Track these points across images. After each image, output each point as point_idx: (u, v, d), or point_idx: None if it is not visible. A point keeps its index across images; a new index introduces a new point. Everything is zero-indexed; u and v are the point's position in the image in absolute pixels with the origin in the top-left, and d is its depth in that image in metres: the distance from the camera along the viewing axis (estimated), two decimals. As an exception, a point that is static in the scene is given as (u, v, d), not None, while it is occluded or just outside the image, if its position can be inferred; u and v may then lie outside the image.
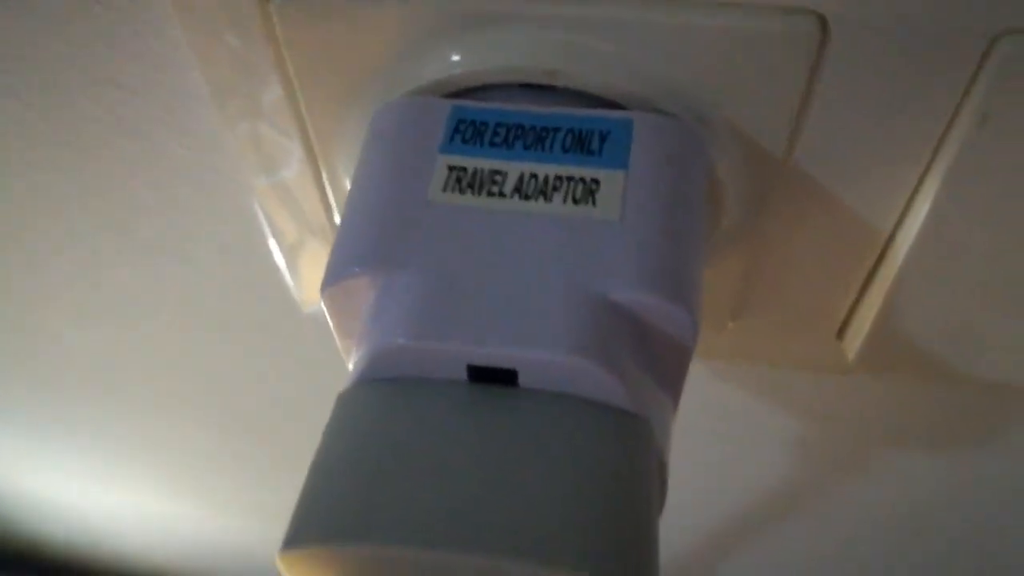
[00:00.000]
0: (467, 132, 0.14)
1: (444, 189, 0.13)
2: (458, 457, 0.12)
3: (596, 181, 0.13)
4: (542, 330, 0.12)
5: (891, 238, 0.17)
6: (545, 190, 0.13)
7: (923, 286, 0.18)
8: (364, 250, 0.13)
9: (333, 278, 0.13)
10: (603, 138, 0.14)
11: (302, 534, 0.11)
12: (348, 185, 0.17)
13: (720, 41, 0.14)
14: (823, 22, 0.13)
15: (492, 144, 0.14)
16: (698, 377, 0.25)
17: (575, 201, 0.13)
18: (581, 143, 0.14)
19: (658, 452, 0.13)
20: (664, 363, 0.13)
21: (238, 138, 0.17)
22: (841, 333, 0.20)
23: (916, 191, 0.16)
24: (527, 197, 0.13)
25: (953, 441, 0.27)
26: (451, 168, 0.13)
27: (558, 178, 0.13)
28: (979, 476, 0.28)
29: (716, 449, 0.29)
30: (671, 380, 0.13)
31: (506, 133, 0.14)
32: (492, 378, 0.12)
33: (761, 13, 0.13)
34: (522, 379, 0.12)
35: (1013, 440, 0.26)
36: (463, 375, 0.12)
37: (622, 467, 0.12)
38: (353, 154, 0.16)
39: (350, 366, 0.14)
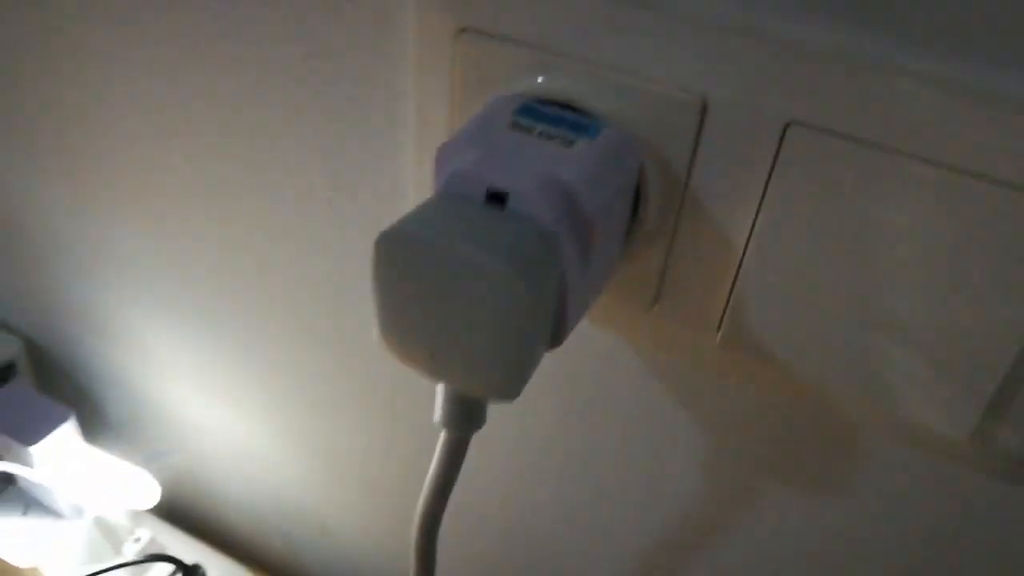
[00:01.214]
0: (526, 111, 0.29)
1: (507, 127, 0.28)
2: (473, 217, 0.25)
3: (574, 140, 0.27)
4: (524, 180, 0.26)
5: (744, 251, 0.30)
6: (551, 137, 0.28)
7: (761, 284, 0.30)
8: (466, 136, 0.27)
9: (446, 143, 0.27)
10: (585, 128, 0.28)
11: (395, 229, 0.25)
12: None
13: (646, 96, 0.28)
14: (704, 100, 0.28)
15: (533, 118, 0.28)
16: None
17: (562, 145, 0.27)
18: (574, 128, 0.28)
19: (559, 260, 0.26)
20: (578, 225, 0.26)
21: (422, 94, 0.33)
22: (718, 329, 0.32)
23: (756, 218, 0.29)
24: (540, 136, 0.28)
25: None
26: (513, 122, 0.28)
27: (557, 135, 0.28)
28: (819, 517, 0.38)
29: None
30: (582, 237, 0.27)
31: (540, 116, 0.28)
32: (496, 199, 0.26)
33: (671, 87, 0.28)
34: (510, 203, 0.26)
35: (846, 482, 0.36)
36: (483, 196, 0.26)
37: (541, 236, 0.25)
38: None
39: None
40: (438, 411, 0.30)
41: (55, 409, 0.55)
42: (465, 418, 0.30)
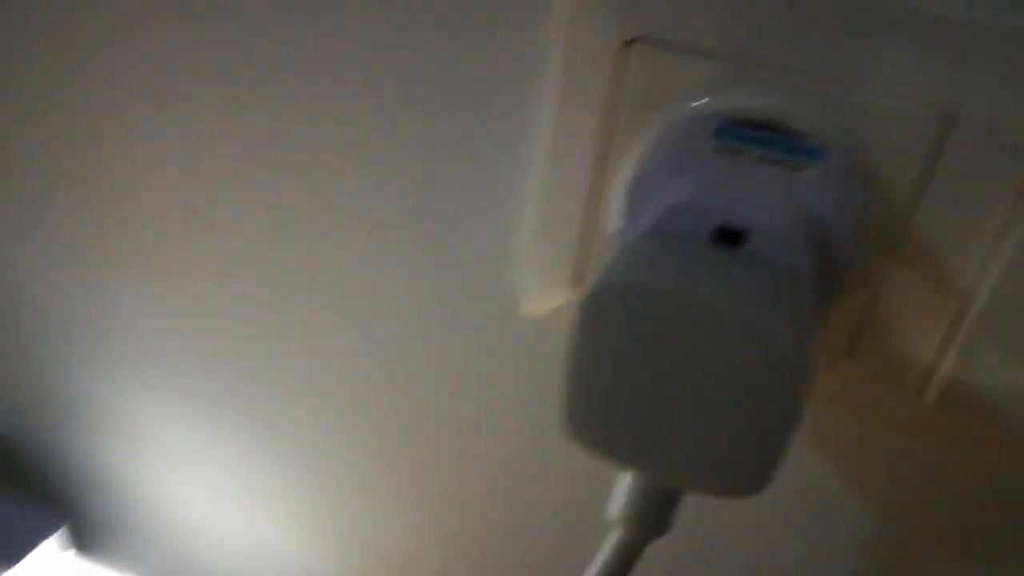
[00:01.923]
0: (727, 133, 0.24)
1: (713, 151, 0.23)
2: (706, 260, 0.20)
3: (803, 166, 0.22)
4: (770, 213, 0.20)
5: (970, 298, 0.25)
6: (772, 163, 0.22)
7: (993, 340, 0.25)
8: (670, 161, 0.22)
9: (642, 173, 0.22)
10: (809, 152, 0.23)
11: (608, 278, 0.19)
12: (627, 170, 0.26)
13: (873, 115, 0.23)
14: (947, 116, 0.23)
15: (739, 140, 0.23)
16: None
17: (790, 171, 0.22)
18: (796, 152, 0.23)
19: (816, 312, 0.21)
20: (834, 279, 0.21)
21: (561, 124, 0.27)
22: (922, 389, 0.28)
23: (989, 258, 0.24)
24: (759, 161, 0.22)
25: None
26: (717, 145, 0.23)
27: (779, 160, 0.23)
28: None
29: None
30: (830, 283, 0.22)
31: (750, 139, 0.23)
32: (727, 238, 0.21)
33: (902, 99, 0.23)
34: (751, 243, 0.21)
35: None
36: (710, 235, 0.21)
37: (796, 288, 0.20)
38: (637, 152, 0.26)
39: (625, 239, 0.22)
40: (618, 504, 0.24)
41: (40, 517, 0.46)
42: (655, 518, 0.24)
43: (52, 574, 0.47)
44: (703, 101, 0.25)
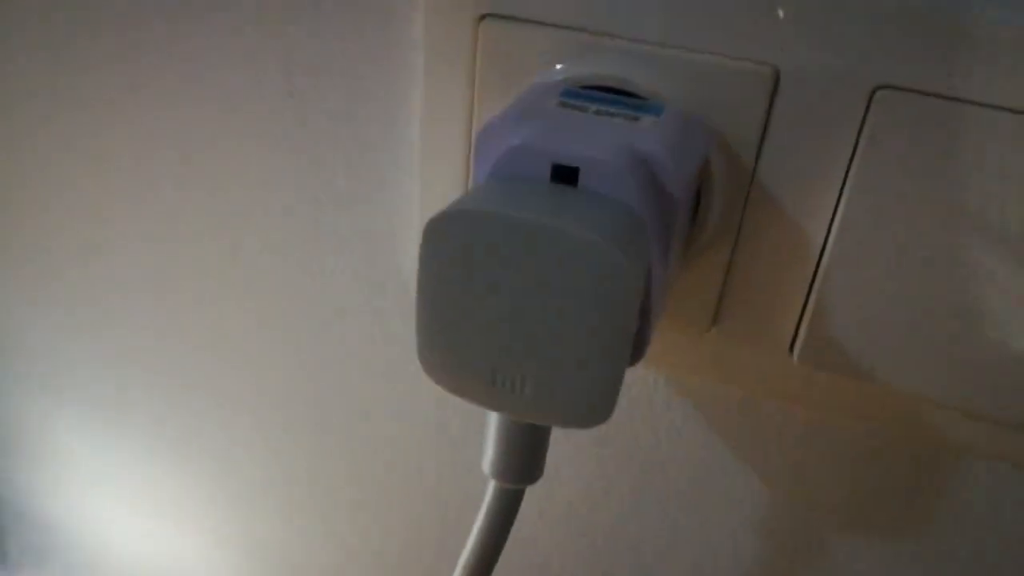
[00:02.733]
0: (572, 94, 0.25)
1: (557, 106, 0.24)
2: (543, 195, 0.21)
3: (638, 117, 0.23)
4: (598, 149, 0.21)
5: (823, 249, 0.26)
6: (610, 115, 0.23)
7: (845, 288, 0.26)
8: (514, 115, 0.23)
9: (486, 127, 0.23)
10: (646, 107, 0.24)
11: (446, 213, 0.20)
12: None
13: (708, 72, 0.25)
14: (775, 71, 0.24)
15: (584, 100, 0.24)
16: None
17: (626, 120, 0.23)
18: (635, 108, 0.24)
19: (646, 247, 0.21)
20: (660, 208, 0.22)
21: (432, 99, 0.28)
22: (791, 347, 0.28)
23: (837, 206, 0.25)
24: (599, 115, 0.23)
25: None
26: (561, 102, 0.24)
27: (618, 113, 0.24)
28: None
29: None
30: (665, 222, 0.22)
31: (590, 98, 0.24)
32: (564, 178, 0.21)
33: (734, 58, 0.24)
34: (581, 180, 0.21)
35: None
36: (547, 175, 0.22)
37: (628, 217, 0.21)
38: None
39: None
40: (488, 457, 0.24)
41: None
42: (523, 465, 0.24)
43: None
44: (552, 69, 0.26)
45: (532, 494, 0.37)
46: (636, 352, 0.23)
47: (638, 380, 0.32)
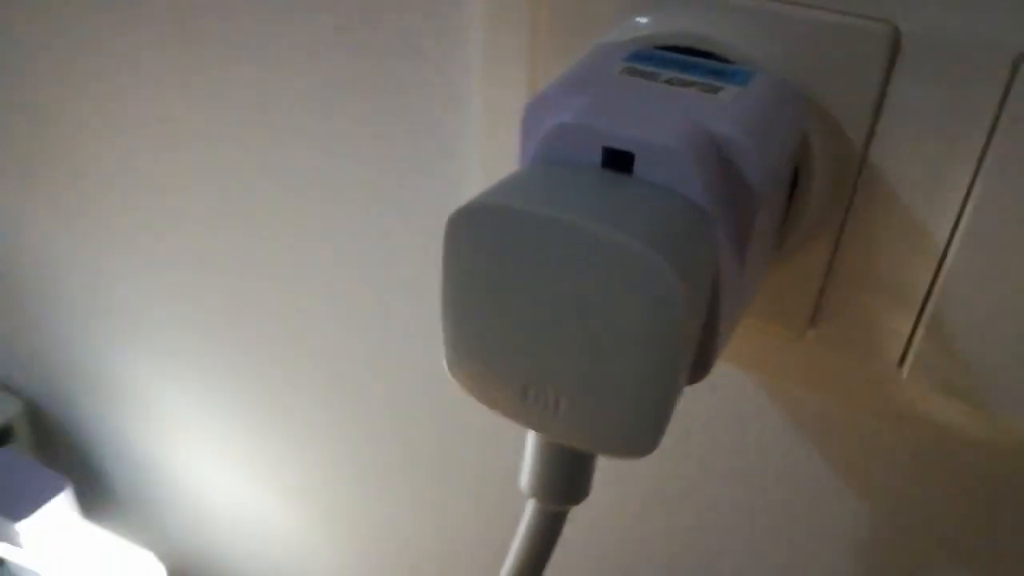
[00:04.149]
0: (643, 57, 0.21)
1: (621, 73, 0.20)
2: (588, 186, 0.17)
3: (720, 87, 0.20)
4: (658, 132, 0.18)
5: (946, 249, 0.22)
6: (684, 84, 0.20)
7: (971, 297, 0.21)
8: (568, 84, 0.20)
9: (536, 98, 0.20)
10: (731, 74, 0.20)
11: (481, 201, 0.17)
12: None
13: (815, 30, 0.20)
14: (896, 31, 0.20)
15: (656, 64, 0.21)
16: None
17: (703, 91, 0.19)
18: (716, 74, 0.20)
19: (713, 249, 0.18)
20: (736, 201, 0.18)
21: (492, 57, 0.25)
22: (903, 360, 0.24)
23: (967, 198, 0.21)
24: (671, 84, 0.20)
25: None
26: (627, 67, 0.20)
27: (694, 82, 0.20)
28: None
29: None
30: (741, 218, 0.18)
31: (664, 62, 0.21)
32: (617, 163, 0.18)
33: (847, 15, 0.20)
34: (636, 168, 0.18)
35: None
36: (598, 160, 0.18)
37: (691, 215, 0.17)
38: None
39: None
40: (526, 474, 0.22)
41: (49, 479, 0.47)
42: (564, 485, 0.22)
43: (56, 534, 0.48)
44: (624, 25, 0.22)
45: (597, 492, 0.35)
46: (699, 370, 0.19)
47: (725, 378, 0.29)
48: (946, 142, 0.20)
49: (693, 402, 0.30)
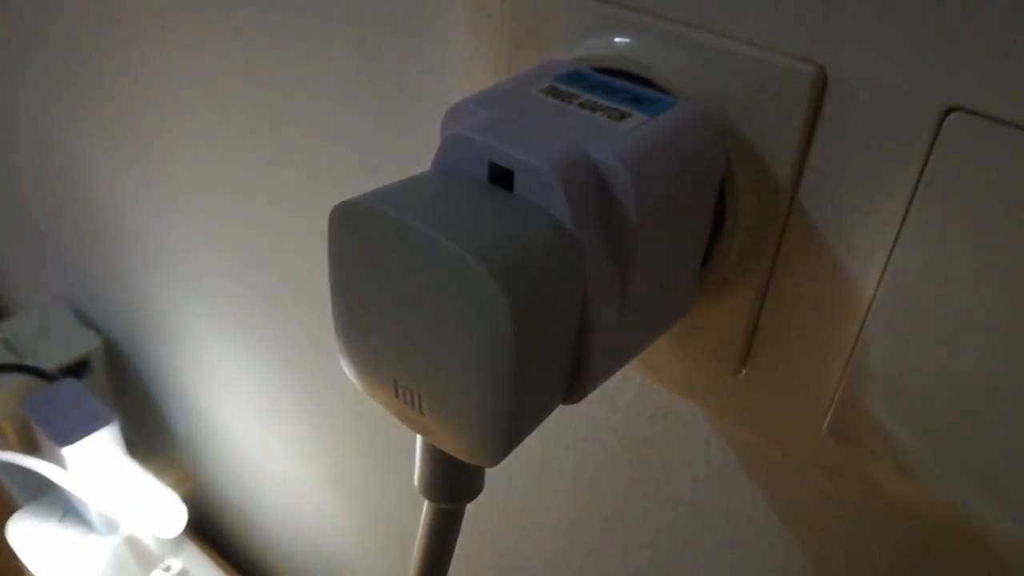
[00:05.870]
0: (573, 78, 0.21)
1: (540, 92, 0.20)
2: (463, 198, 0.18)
3: (629, 114, 0.19)
4: (536, 152, 0.18)
5: (872, 303, 0.21)
6: (595, 108, 0.20)
7: (892, 355, 0.20)
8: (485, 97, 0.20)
9: (457, 105, 0.20)
10: (650, 102, 0.20)
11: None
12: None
13: (743, 65, 0.20)
14: (822, 73, 0.19)
15: (580, 86, 0.21)
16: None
17: (608, 118, 0.19)
18: (635, 101, 0.20)
19: (581, 276, 0.18)
20: (613, 230, 0.18)
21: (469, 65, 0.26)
22: (828, 410, 0.23)
23: (892, 249, 0.20)
24: (583, 107, 0.20)
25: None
26: (550, 87, 0.21)
27: (606, 107, 0.20)
28: None
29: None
30: (620, 249, 0.18)
31: (590, 84, 0.21)
32: (502, 179, 0.18)
33: (776, 52, 0.19)
34: (516, 186, 0.18)
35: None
36: (485, 173, 0.19)
37: (554, 236, 0.17)
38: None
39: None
40: (415, 473, 0.22)
41: (100, 412, 0.51)
42: (449, 483, 0.22)
43: (96, 463, 0.51)
44: (573, 45, 0.23)
45: (558, 511, 0.35)
46: (572, 393, 0.20)
47: (675, 408, 0.28)
48: (874, 189, 0.20)
49: (650, 425, 0.30)
